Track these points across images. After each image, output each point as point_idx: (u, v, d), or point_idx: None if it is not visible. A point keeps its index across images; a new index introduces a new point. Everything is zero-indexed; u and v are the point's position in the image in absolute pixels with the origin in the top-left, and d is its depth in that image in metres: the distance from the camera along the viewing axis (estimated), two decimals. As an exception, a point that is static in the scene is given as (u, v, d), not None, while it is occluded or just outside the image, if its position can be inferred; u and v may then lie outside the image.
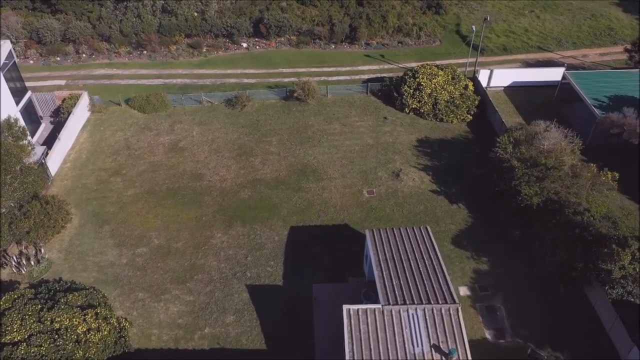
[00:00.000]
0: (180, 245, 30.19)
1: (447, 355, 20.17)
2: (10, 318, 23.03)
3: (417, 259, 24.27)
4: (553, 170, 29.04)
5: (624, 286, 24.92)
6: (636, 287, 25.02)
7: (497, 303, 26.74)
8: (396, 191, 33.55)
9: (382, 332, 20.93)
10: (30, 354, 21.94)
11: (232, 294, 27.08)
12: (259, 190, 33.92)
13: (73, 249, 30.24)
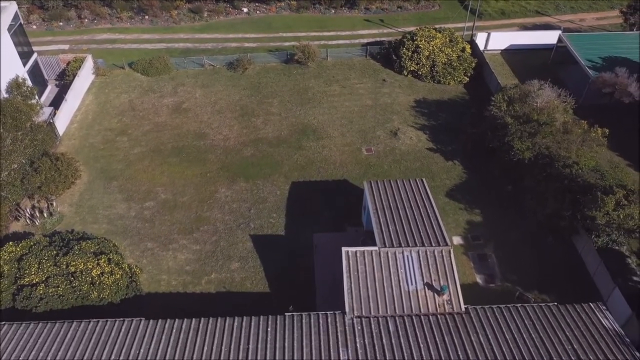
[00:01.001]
0: (186, 199, 31.46)
1: (439, 291, 21.63)
2: (27, 262, 24.39)
3: (412, 207, 25.56)
4: (545, 126, 30.12)
5: (608, 234, 26.24)
6: (620, 236, 26.39)
7: (488, 251, 28.14)
8: (394, 149, 34.69)
9: (379, 271, 22.32)
10: (48, 294, 23.38)
11: (237, 243, 28.45)
12: (261, 149, 35.05)
13: (83, 203, 31.52)
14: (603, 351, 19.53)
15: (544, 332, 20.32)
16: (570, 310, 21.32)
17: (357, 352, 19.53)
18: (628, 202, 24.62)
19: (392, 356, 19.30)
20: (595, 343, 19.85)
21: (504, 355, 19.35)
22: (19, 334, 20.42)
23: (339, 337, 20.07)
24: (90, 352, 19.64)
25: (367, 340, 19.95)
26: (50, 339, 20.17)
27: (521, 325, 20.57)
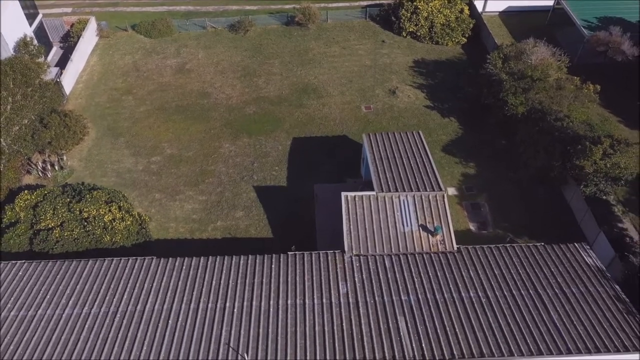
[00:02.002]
0: (191, 154, 32.60)
1: (433, 232, 22.95)
2: (43, 208, 25.67)
3: (408, 156, 26.73)
4: (538, 82, 31.07)
5: (596, 184, 27.43)
6: (607, 185, 27.61)
7: (481, 201, 29.43)
8: (392, 107, 35.70)
9: (376, 214, 23.61)
10: (64, 237, 24.72)
11: (241, 194, 29.72)
12: (263, 107, 36.04)
13: (92, 157, 32.68)
14: (585, 284, 20.94)
15: (530, 268, 21.69)
16: (556, 250, 22.67)
17: (356, 285, 20.93)
18: (614, 152, 25.75)
19: (387, 288, 20.70)
20: (577, 277, 21.25)
21: (493, 289, 20.75)
22: (38, 270, 21.79)
23: (338, 273, 21.45)
24: (107, 286, 21.04)
25: (365, 275, 21.34)
26: (68, 274, 21.55)
27: (509, 262, 21.95)
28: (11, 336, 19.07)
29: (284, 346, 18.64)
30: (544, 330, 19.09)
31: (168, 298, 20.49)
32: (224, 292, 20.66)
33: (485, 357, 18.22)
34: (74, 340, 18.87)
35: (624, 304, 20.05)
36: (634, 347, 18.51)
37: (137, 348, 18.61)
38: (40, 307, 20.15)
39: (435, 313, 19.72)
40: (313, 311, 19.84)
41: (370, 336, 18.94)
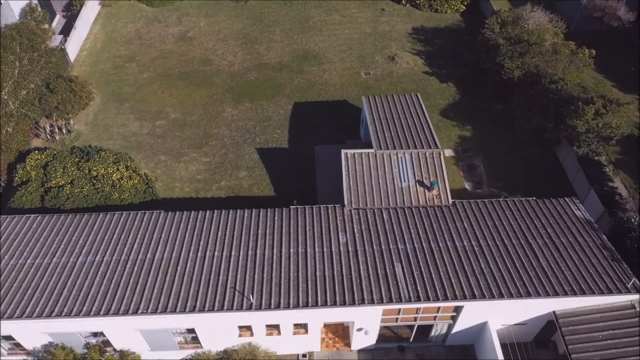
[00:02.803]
0: (194, 118, 33.38)
1: (429, 187, 23.89)
2: (53, 167, 26.58)
3: (406, 117, 27.52)
4: (534, 46, 31.67)
5: (588, 144, 28.28)
6: (599, 146, 28.47)
7: (477, 162, 30.30)
8: (391, 72, 36.34)
9: (375, 170, 24.52)
10: (74, 194, 25.67)
11: (244, 155, 30.60)
12: (264, 73, 36.68)
13: (98, 122, 33.47)
14: (573, 234, 21.96)
15: (522, 220, 22.69)
16: (547, 203, 23.65)
17: (355, 235, 21.96)
18: (606, 112, 26.52)
19: (385, 238, 21.73)
20: (567, 228, 22.26)
21: (485, 238, 21.78)
22: (52, 223, 22.80)
23: (338, 225, 22.46)
24: (117, 236, 22.07)
25: (364, 226, 22.35)
26: (80, 226, 22.57)
27: (502, 215, 22.95)
28: (28, 281, 20.16)
29: (287, 289, 19.73)
30: (533, 275, 20.17)
31: (176, 247, 21.54)
32: (229, 242, 21.71)
33: (476, 299, 19.32)
34: (89, 285, 19.98)
35: (610, 251, 21.09)
36: (617, 290, 19.60)
37: (148, 291, 19.72)
38: (55, 256, 21.21)
39: (430, 260, 20.78)
40: (314, 258, 20.91)
41: (369, 280, 20.02)
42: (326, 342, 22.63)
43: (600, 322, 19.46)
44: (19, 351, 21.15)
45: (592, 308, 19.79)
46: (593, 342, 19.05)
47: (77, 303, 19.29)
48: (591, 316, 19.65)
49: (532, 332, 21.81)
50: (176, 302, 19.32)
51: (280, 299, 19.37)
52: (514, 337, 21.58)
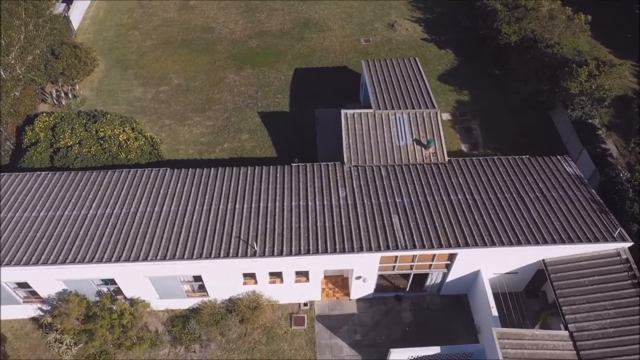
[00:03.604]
0: (197, 84, 34.04)
1: (426, 145, 24.71)
2: (61, 128, 27.37)
3: (405, 79, 28.20)
4: (532, 11, 32.17)
5: (582, 107, 28.97)
6: (593, 109, 29.16)
7: (473, 125, 31.06)
8: (390, 39, 36.87)
9: (374, 130, 25.30)
10: (82, 153, 26.53)
11: (246, 119, 31.35)
12: (265, 40, 37.21)
13: (103, 87, 34.13)
14: (564, 189, 22.87)
15: (515, 175, 23.57)
16: (540, 161, 24.50)
17: (354, 190, 22.85)
18: (599, 73, 27.18)
19: (383, 192, 22.63)
20: (558, 183, 23.15)
21: (479, 192, 22.68)
22: (62, 179, 23.68)
23: (338, 181, 23.34)
24: (126, 191, 22.96)
25: (363, 182, 23.23)
26: (90, 182, 23.46)
27: (495, 171, 23.82)
28: (42, 232, 21.11)
29: (289, 238, 20.69)
30: (524, 225, 21.12)
31: (182, 201, 22.46)
32: (233, 196, 22.61)
33: (469, 246, 20.29)
34: (100, 235, 20.94)
35: (598, 204, 22.00)
36: (604, 238, 20.57)
37: (157, 240, 20.69)
38: (67, 209, 22.14)
39: (426, 212, 21.71)
40: (315, 211, 21.83)
41: (367, 230, 20.98)
42: (326, 292, 23.69)
43: (587, 269, 20.44)
44: (34, 299, 22.19)
45: (579, 256, 20.76)
46: (580, 287, 20.05)
47: (90, 251, 20.28)
48: (579, 263, 20.62)
49: (522, 281, 22.84)
50: (184, 250, 20.31)
51: (283, 247, 20.34)
52: (506, 287, 22.60)
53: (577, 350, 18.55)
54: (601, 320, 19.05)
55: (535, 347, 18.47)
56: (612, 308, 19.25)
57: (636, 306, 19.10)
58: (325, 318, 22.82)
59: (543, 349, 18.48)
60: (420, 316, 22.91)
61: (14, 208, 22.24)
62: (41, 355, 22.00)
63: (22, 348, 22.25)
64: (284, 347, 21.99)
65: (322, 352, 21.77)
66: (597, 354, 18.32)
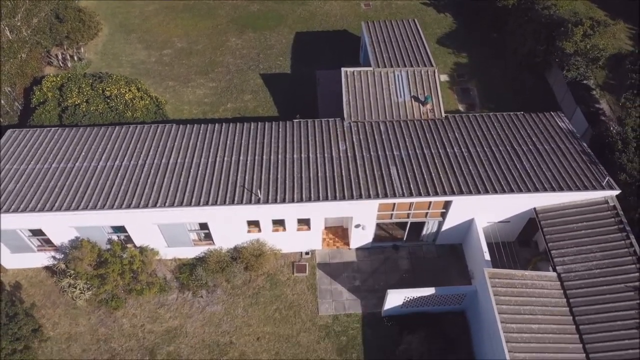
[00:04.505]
0: (200, 47, 34.62)
1: (423, 102, 25.46)
2: (68, 88, 28.08)
3: (404, 39, 28.80)
4: (529, -27, 32.57)
5: (577, 68, 29.60)
6: (588, 70, 29.79)
7: (471, 86, 31.76)
8: (390, 4, 37.33)
9: (373, 87, 26.03)
10: (90, 111, 27.31)
11: (248, 80, 32.04)
12: (266, 5, 37.65)
13: (107, 51, 34.73)
14: (556, 142, 23.70)
15: (509, 130, 24.39)
16: (533, 117, 25.30)
17: (354, 144, 23.69)
18: (594, 32, 27.76)
19: (382, 146, 23.47)
20: (550, 137, 23.99)
21: (474, 145, 23.52)
22: (72, 134, 24.52)
23: (338, 135, 24.16)
24: (134, 145, 23.81)
25: (362, 136, 24.05)
26: (99, 136, 24.30)
27: (490, 126, 24.62)
28: (55, 182, 22.02)
29: (292, 187, 21.61)
30: (516, 175, 22.02)
31: (189, 154, 23.32)
32: (237, 149, 23.47)
33: (464, 194, 21.21)
34: (110, 184, 21.86)
35: (589, 156, 22.87)
36: (593, 187, 21.48)
37: (164, 189, 21.62)
38: (78, 161, 23.02)
39: (423, 163, 22.59)
40: (316, 162, 22.71)
41: (366, 180, 21.88)
42: (327, 242, 24.71)
43: (576, 215, 21.38)
44: (48, 247, 23.22)
45: (569, 204, 21.69)
46: (569, 233, 21.02)
47: (101, 199, 21.22)
48: (568, 211, 21.56)
49: (515, 231, 23.82)
50: (191, 197, 21.25)
51: (285, 195, 21.27)
52: (499, 237, 23.60)
53: (564, 289, 19.63)
54: (588, 263, 20.08)
55: (524, 287, 19.54)
56: (599, 251, 20.26)
57: (622, 249, 20.10)
58: (325, 266, 23.89)
59: (532, 288, 19.54)
60: (416, 264, 23.97)
61: (26, 160, 23.12)
62: (55, 301, 23.11)
63: (37, 294, 23.35)
64: (287, 292, 23.09)
65: (322, 296, 22.87)
66: (582, 292, 19.40)
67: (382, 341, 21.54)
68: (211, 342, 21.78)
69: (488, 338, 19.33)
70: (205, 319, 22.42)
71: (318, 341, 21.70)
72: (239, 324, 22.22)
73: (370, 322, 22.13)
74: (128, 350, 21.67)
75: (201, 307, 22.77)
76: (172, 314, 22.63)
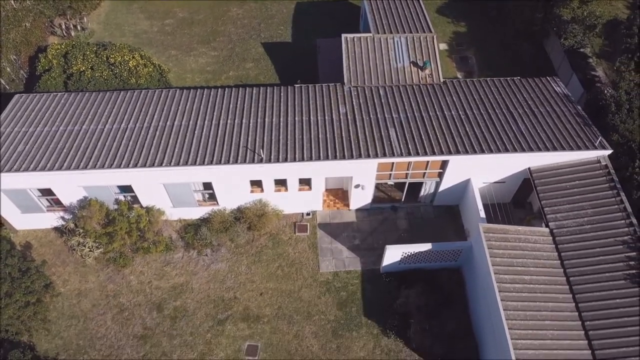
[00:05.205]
0: (201, 17, 34.95)
1: (422, 67, 25.96)
2: (73, 55, 28.53)
3: (403, 7, 29.16)
4: (529, -59, 32.75)
5: (574, 35, 29.99)
6: (585, 38, 30.19)
7: (469, 54, 32.19)
8: (390, -26, 37.53)
9: (372, 52, 26.50)
10: (95, 78, 27.82)
11: (250, 49, 32.46)
12: (267, -25, 37.94)
13: (110, 21, 35.06)
14: (551, 105, 24.28)
15: (506, 94, 24.94)
16: (530, 81, 25.82)
17: (354, 107, 24.26)
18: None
19: (381, 109, 24.05)
20: (545, 100, 24.55)
21: (471, 108, 24.10)
22: (78, 98, 25.07)
23: (338, 99, 24.72)
24: (139, 108, 24.37)
25: (362, 100, 24.61)
26: (105, 100, 24.85)
27: (487, 90, 25.17)
28: (63, 143, 22.65)
29: (293, 148, 22.25)
30: (512, 136, 22.63)
31: (193, 117, 23.91)
32: (240, 113, 24.05)
33: (460, 153, 21.86)
34: (117, 145, 22.49)
35: (583, 118, 23.46)
36: (586, 147, 22.12)
37: (170, 149, 22.25)
38: (85, 124, 23.62)
39: (421, 125, 23.20)
40: (317, 124, 23.32)
41: (365, 141, 22.51)
42: (327, 203, 25.44)
43: (569, 175, 22.06)
44: (57, 208, 23.94)
45: (563, 164, 22.35)
46: (562, 191, 21.71)
47: (108, 159, 21.88)
48: (562, 170, 22.23)
49: (510, 191, 24.52)
50: (195, 157, 21.90)
51: (287, 155, 21.92)
52: (495, 198, 24.32)
53: (556, 244, 20.40)
54: (579, 219, 20.81)
55: (518, 241, 20.30)
56: (590, 208, 20.97)
57: (612, 205, 20.81)
58: (326, 226, 24.64)
59: (525, 242, 20.31)
60: (414, 224, 24.73)
61: (34, 123, 23.71)
62: (65, 260, 23.91)
63: (47, 253, 24.13)
64: (289, 250, 23.89)
65: (323, 254, 23.67)
66: (573, 247, 20.17)
67: (380, 296, 22.39)
68: (216, 297, 22.63)
69: (482, 290, 20.14)
70: (210, 276, 23.25)
71: (319, 296, 22.54)
72: (243, 281, 23.05)
73: (369, 278, 22.96)
74: (136, 305, 22.53)
75: (206, 265, 23.59)
76: (178, 271, 23.45)
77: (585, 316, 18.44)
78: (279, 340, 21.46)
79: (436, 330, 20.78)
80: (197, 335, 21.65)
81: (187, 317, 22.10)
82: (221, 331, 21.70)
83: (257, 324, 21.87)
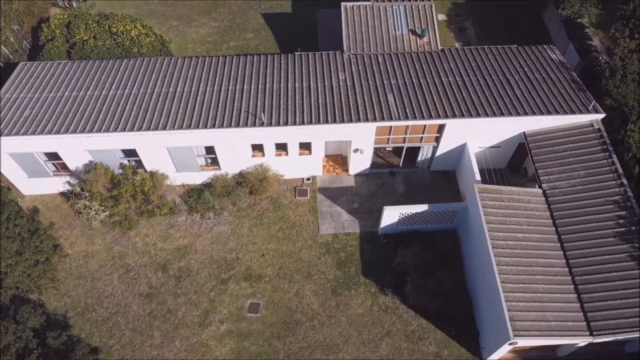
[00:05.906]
0: (202, -12, 35.23)
1: (420, 35, 26.33)
2: (76, 24, 28.88)
3: (402, -24, 29.44)
4: None
5: (572, 5, 30.28)
6: (583, 8, 30.48)
7: (467, 25, 32.49)
8: (390, -54, 37.60)
9: (372, 21, 26.84)
10: (97, 47, 28.20)
11: (250, 20, 32.76)
12: (267, -53, 37.98)
13: (110, -7, 35.34)
14: (547, 72, 24.71)
15: (502, 61, 25.35)
16: (526, 49, 26.20)
17: (353, 74, 24.70)
18: (588, -32, 28.39)
19: (380, 76, 24.49)
20: (541, 67, 24.97)
21: (468, 75, 24.54)
22: (82, 65, 25.48)
23: (338, 66, 25.14)
24: (142, 75, 24.81)
25: (361, 67, 25.04)
26: (108, 67, 25.26)
27: (484, 58, 25.57)
28: (68, 108, 23.15)
29: (294, 112, 22.77)
30: (507, 101, 23.13)
31: (195, 83, 24.37)
32: (241, 79, 24.51)
33: (457, 117, 22.38)
34: (121, 110, 23.00)
35: (577, 84, 23.92)
36: (579, 110, 22.64)
37: (173, 114, 22.77)
38: (89, 89, 24.09)
39: (419, 91, 23.68)
40: (317, 90, 23.79)
41: (364, 106, 23.02)
42: (327, 168, 26.03)
43: (563, 138, 22.61)
44: (63, 172, 24.53)
45: (557, 127, 22.88)
46: (555, 154, 22.27)
47: (113, 122, 22.41)
48: (556, 134, 22.77)
49: (505, 156, 25.08)
50: (198, 121, 22.43)
51: (288, 119, 22.45)
52: (490, 163, 24.89)
53: (548, 204, 21.03)
54: (572, 180, 21.41)
55: (511, 201, 20.93)
56: (583, 170, 21.56)
57: (604, 167, 21.39)
58: (326, 190, 25.26)
59: (518, 202, 20.94)
60: (411, 188, 25.34)
61: (39, 89, 24.17)
62: (72, 223, 24.58)
63: (54, 217, 24.79)
64: (289, 213, 24.54)
65: (323, 217, 24.33)
66: (565, 206, 20.80)
67: (378, 256, 23.10)
68: (219, 258, 23.35)
69: (476, 248, 20.83)
70: (213, 238, 23.94)
71: (319, 257, 23.25)
72: (245, 242, 23.74)
73: (367, 239, 23.65)
74: (142, 266, 23.25)
75: (209, 228, 24.26)
76: (181, 233, 24.13)
77: (576, 271, 19.14)
78: (280, 298, 22.23)
79: (432, 288, 21.50)
80: (201, 293, 22.40)
81: (191, 277, 22.84)
82: (224, 290, 22.45)
83: (258, 283, 22.61)
